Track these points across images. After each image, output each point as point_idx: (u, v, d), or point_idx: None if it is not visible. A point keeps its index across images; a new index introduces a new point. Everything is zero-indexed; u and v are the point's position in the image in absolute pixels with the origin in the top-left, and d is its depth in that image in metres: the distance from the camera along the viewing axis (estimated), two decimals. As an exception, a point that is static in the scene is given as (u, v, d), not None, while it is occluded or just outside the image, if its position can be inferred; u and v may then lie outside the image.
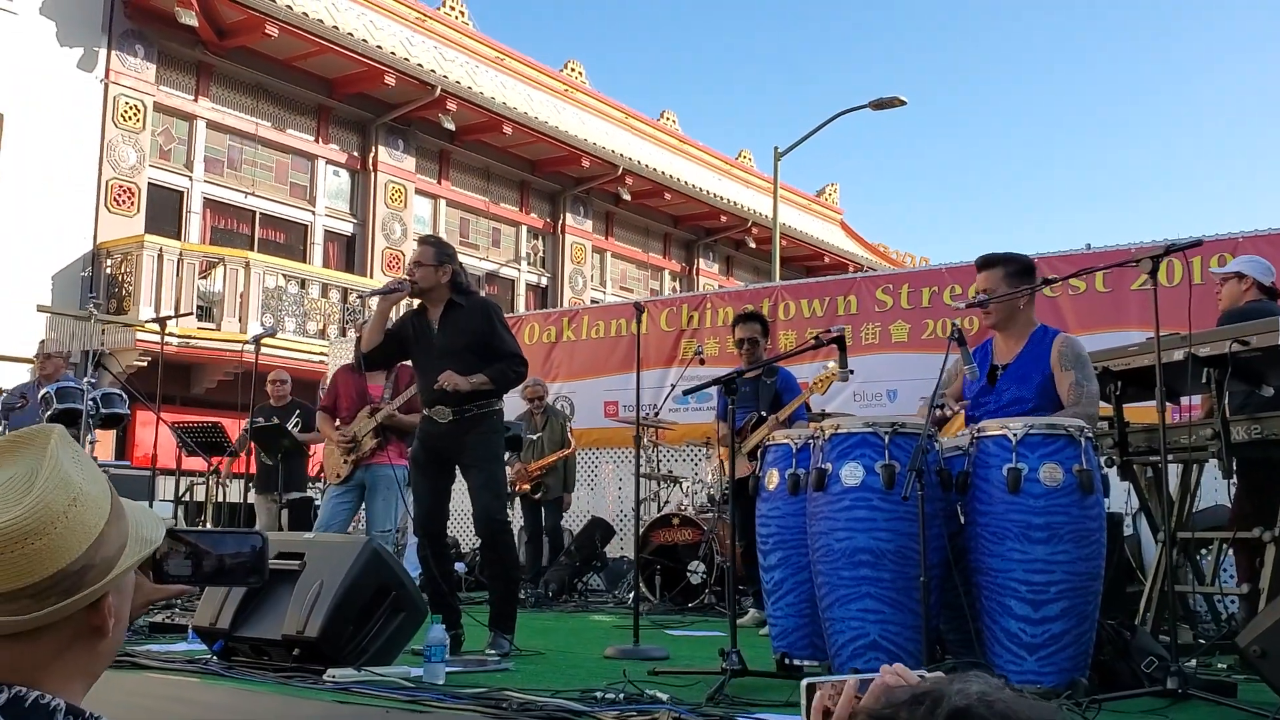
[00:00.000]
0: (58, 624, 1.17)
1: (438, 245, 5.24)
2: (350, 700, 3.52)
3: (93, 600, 1.18)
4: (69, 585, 1.15)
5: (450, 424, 5.00)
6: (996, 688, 1.00)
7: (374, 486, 6.60)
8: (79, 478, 1.19)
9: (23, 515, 1.13)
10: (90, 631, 1.21)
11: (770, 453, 4.37)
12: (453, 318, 5.10)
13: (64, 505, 1.16)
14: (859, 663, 3.68)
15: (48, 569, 1.14)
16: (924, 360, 8.44)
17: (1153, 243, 7.69)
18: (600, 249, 22.41)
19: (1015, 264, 4.33)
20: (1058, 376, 4.13)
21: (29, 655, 1.16)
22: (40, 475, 1.16)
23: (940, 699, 0.98)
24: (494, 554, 5.14)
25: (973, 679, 1.01)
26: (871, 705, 1.07)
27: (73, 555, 1.15)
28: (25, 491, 1.15)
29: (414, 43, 18.56)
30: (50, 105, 14.24)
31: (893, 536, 3.66)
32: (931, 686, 1.02)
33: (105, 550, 1.19)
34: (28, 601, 1.13)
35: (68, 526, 1.15)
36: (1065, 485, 3.57)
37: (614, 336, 10.61)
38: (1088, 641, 3.61)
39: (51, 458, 1.18)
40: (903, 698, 1.02)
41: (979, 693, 0.98)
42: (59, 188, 14.27)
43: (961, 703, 0.96)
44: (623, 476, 10.39)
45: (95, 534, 1.18)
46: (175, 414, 11.62)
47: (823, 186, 29.73)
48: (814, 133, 17.63)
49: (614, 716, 3.18)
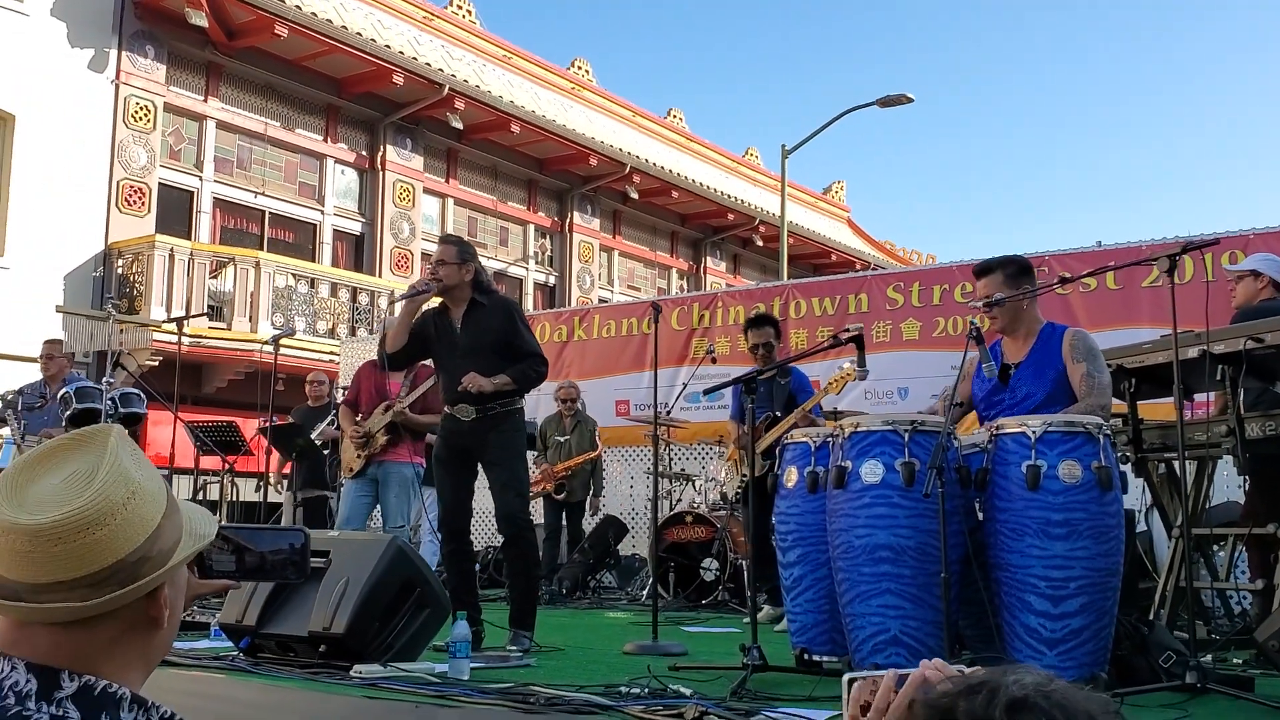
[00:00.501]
0: (116, 613, 1.22)
1: (460, 244, 5.28)
2: (378, 696, 3.56)
3: (149, 591, 1.23)
4: (126, 575, 1.20)
5: (473, 422, 5.04)
6: (1049, 678, 1.02)
7: (386, 482, 6.68)
8: (138, 474, 1.24)
9: (85, 506, 1.18)
10: (147, 622, 1.26)
11: (789, 450, 4.41)
12: (475, 317, 5.14)
13: (123, 498, 1.21)
14: (879, 658, 3.72)
15: (107, 559, 1.19)
16: (935, 358, 8.48)
17: (1164, 240, 7.73)
18: (608, 247, 22.45)
19: (1013, 265, 4.38)
20: (1070, 369, 4.17)
21: (89, 643, 1.21)
22: (101, 469, 1.21)
23: (997, 689, 1.00)
24: (516, 551, 5.18)
25: (1024, 670, 1.03)
26: (927, 696, 1.09)
27: (131, 547, 1.20)
28: (87, 484, 1.20)
29: (421, 42, 18.61)
30: (61, 106, 14.30)
31: (913, 533, 3.70)
32: (986, 677, 1.03)
33: (161, 543, 1.24)
34: (86, 590, 1.18)
35: (126, 519, 1.20)
36: (1084, 482, 3.60)
37: (625, 336, 10.64)
38: (1107, 636, 3.64)
39: (112, 454, 1.23)
40: (957, 688, 1.04)
41: (1034, 683, 1.00)
42: (70, 188, 14.33)
43: (1019, 693, 0.98)
44: (634, 475, 10.42)
45: (152, 527, 1.23)
46: (187, 413, 11.66)
47: (830, 184, 29.75)
48: (821, 130, 17.67)
49: (641, 710, 3.21)
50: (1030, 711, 0.97)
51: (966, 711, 1.00)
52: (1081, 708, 0.98)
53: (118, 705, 1.20)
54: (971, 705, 1.01)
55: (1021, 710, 0.98)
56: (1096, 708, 0.99)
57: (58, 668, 1.18)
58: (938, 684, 1.12)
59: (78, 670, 1.19)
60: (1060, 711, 0.97)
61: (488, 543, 9.96)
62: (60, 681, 1.17)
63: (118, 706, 1.20)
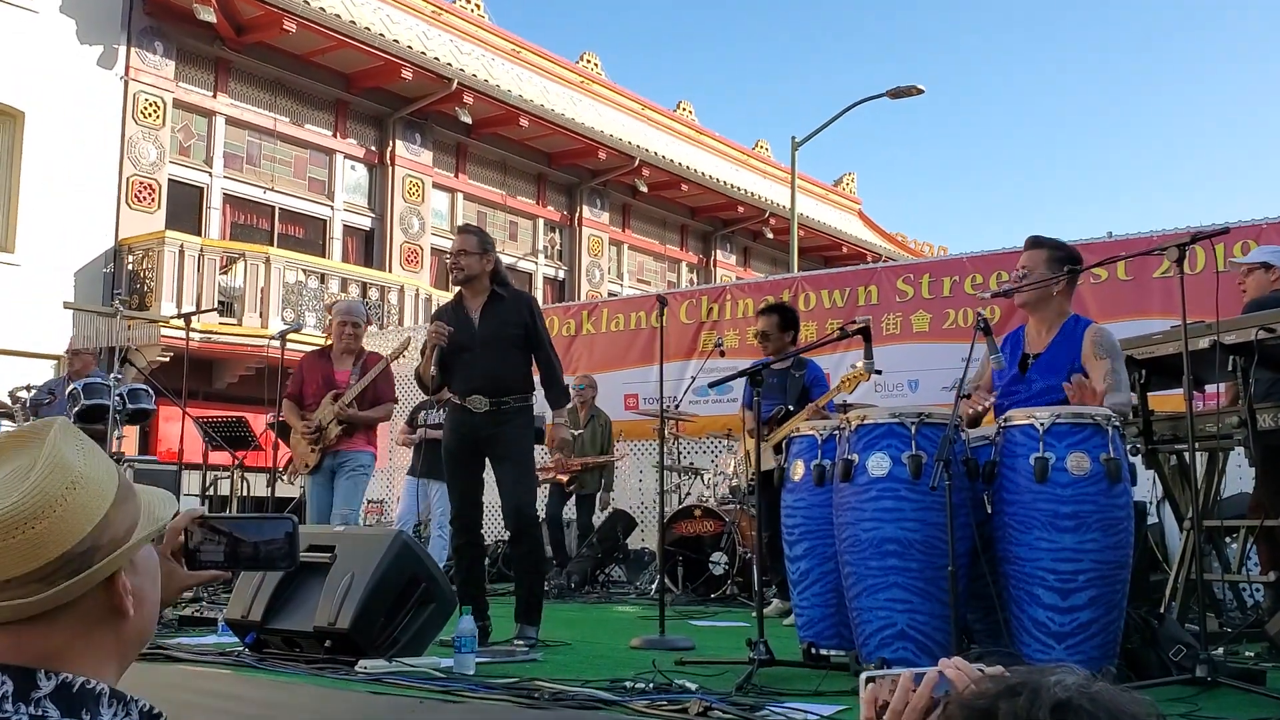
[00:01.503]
0: (74, 606, 1.18)
1: (480, 234, 5.28)
2: (383, 691, 3.55)
3: (103, 578, 1.20)
4: (76, 566, 1.17)
5: (485, 414, 5.03)
6: (1089, 678, 0.99)
7: (340, 469, 6.59)
8: (80, 463, 1.21)
9: (20, 501, 1.15)
10: (110, 612, 1.22)
11: (795, 444, 4.38)
12: (494, 309, 5.13)
13: (61, 490, 1.17)
14: (886, 652, 3.69)
15: (52, 552, 1.15)
16: (945, 350, 8.44)
17: (1175, 230, 7.66)
18: (617, 241, 22.42)
19: (1061, 250, 4.30)
20: (1091, 365, 4.11)
21: (53, 639, 1.18)
22: (39, 463, 1.18)
23: (1038, 690, 0.97)
24: (523, 547, 5.16)
25: (1064, 670, 1.00)
26: (965, 696, 1.06)
27: (76, 537, 1.17)
28: (23, 480, 1.17)
29: (430, 36, 18.59)
30: (70, 103, 14.33)
31: (920, 526, 3.67)
32: (1025, 677, 1.00)
33: (113, 531, 1.21)
34: (36, 585, 1.15)
35: (68, 509, 1.17)
36: (1092, 474, 3.57)
37: (633, 329, 10.63)
38: (1116, 630, 3.61)
39: (50, 446, 1.20)
40: (997, 688, 1.01)
41: (1076, 685, 0.97)
42: (80, 185, 14.37)
43: (1063, 695, 0.96)
44: (643, 469, 10.41)
45: (99, 516, 1.19)
46: (197, 409, 11.68)
47: (840, 176, 29.67)
48: (831, 122, 17.59)
49: (645, 705, 3.20)
50: (1075, 714, 0.94)
51: (1009, 713, 0.98)
52: (1127, 710, 0.96)
53: (97, 701, 1.17)
54: (1013, 706, 0.98)
55: (1066, 712, 0.95)
56: (1141, 710, 0.96)
57: (33, 667, 1.16)
58: (966, 684, 1.09)
59: (50, 667, 1.17)
60: (1105, 714, 0.95)
61: (495, 537, 9.95)
62: (37, 681, 1.15)
63: (97, 703, 1.17)
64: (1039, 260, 4.26)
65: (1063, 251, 4.30)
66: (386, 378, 6.79)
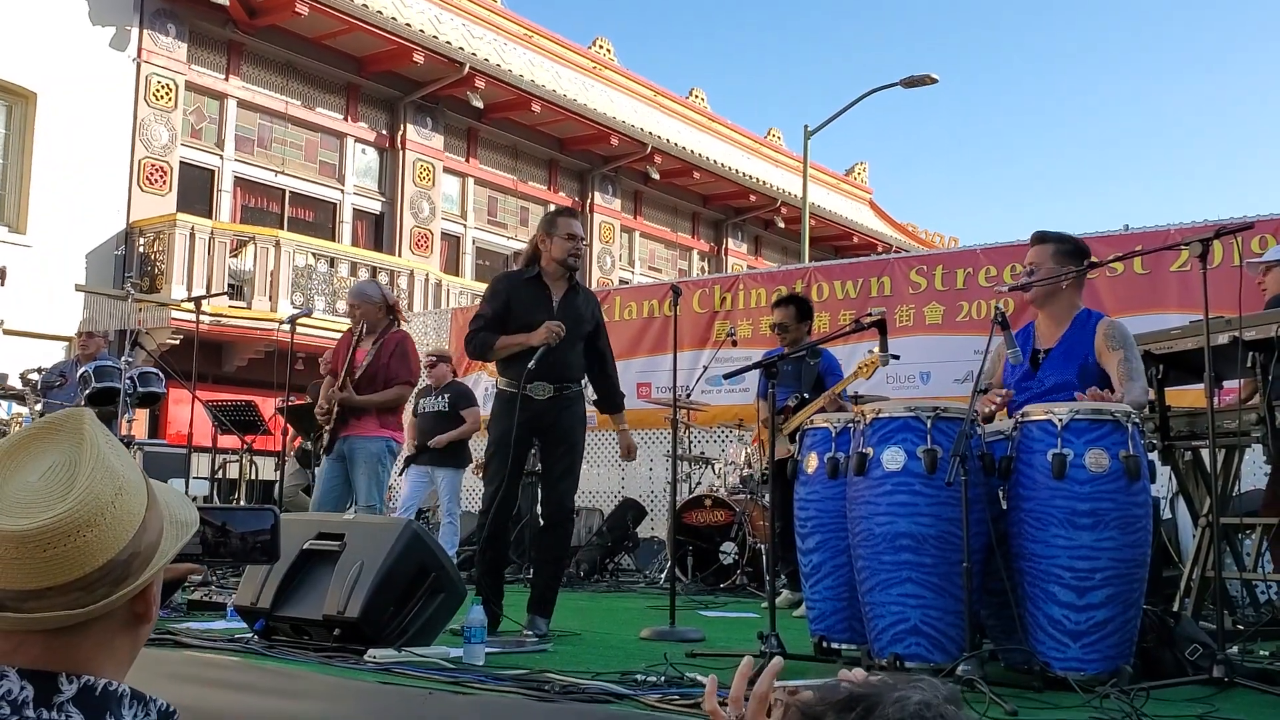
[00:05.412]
0: (109, 614, 1.16)
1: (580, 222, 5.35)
2: (392, 681, 3.53)
3: (143, 588, 1.18)
4: (118, 575, 1.14)
5: (548, 401, 4.97)
6: (944, 697, 0.95)
7: (353, 459, 6.28)
8: (119, 465, 1.17)
9: (74, 508, 1.11)
10: (135, 619, 1.21)
11: (809, 436, 4.34)
12: (573, 301, 5.11)
13: (111, 495, 1.14)
14: (899, 647, 3.67)
15: (98, 560, 1.12)
16: (958, 342, 8.39)
17: (1192, 223, 7.60)
18: (629, 228, 22.37)
19: (1067, 244, 4.26)
20: (1105, 358, 4.07)
21: (83, 648, 1.16)
22: (83, 464, 1.14)
23: (874, 706, 0.94)
24: (553, 539, 5.12)
25: (916, 687, 0.96)
26: (804, 700, 1.03)
27: (121, 544, 1.14)
28: (70, 482, 1.12)
29: (442, 20, 18.54)
30: (83, 85, 14.32)
31: (935, 521, 3.63)
32: (869, 690, 0.97)
33: (148, 536, 1.18)
34: (79, 594, 1.12)
35: (115, 516, 1.13)
36: (1111, 471, 3.53)
37: (646, 318, 10.59)
38: (1133, 629, 3.57)
39: (91, 445, 1.16)
40: (838, 696, 0.98)
41: (920, 702, 0.94)
42: (92, 167, 14.37)
43: (895, 715, 0.92)
44: (654, 458, 10.38)
45: (139, 521, 1.16)
46: (206, 392, 11.69)
47: (852, 165, 29.56)
48: (844, 111, 17.51)
49: (656, 699, 3.17)
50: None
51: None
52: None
53: (119, 703, 1.15)
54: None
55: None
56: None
57: (53, 671, 1.13)
58: (818, 690, 1.05)
59: (74, 672, 1.14)
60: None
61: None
62: (59, 685, 1.12)
63: (120, 704, 1.15)
64: (1045, 255, 4.23)
65: (1069, 245, 4.25)
66: (402, 356, 6.42)
